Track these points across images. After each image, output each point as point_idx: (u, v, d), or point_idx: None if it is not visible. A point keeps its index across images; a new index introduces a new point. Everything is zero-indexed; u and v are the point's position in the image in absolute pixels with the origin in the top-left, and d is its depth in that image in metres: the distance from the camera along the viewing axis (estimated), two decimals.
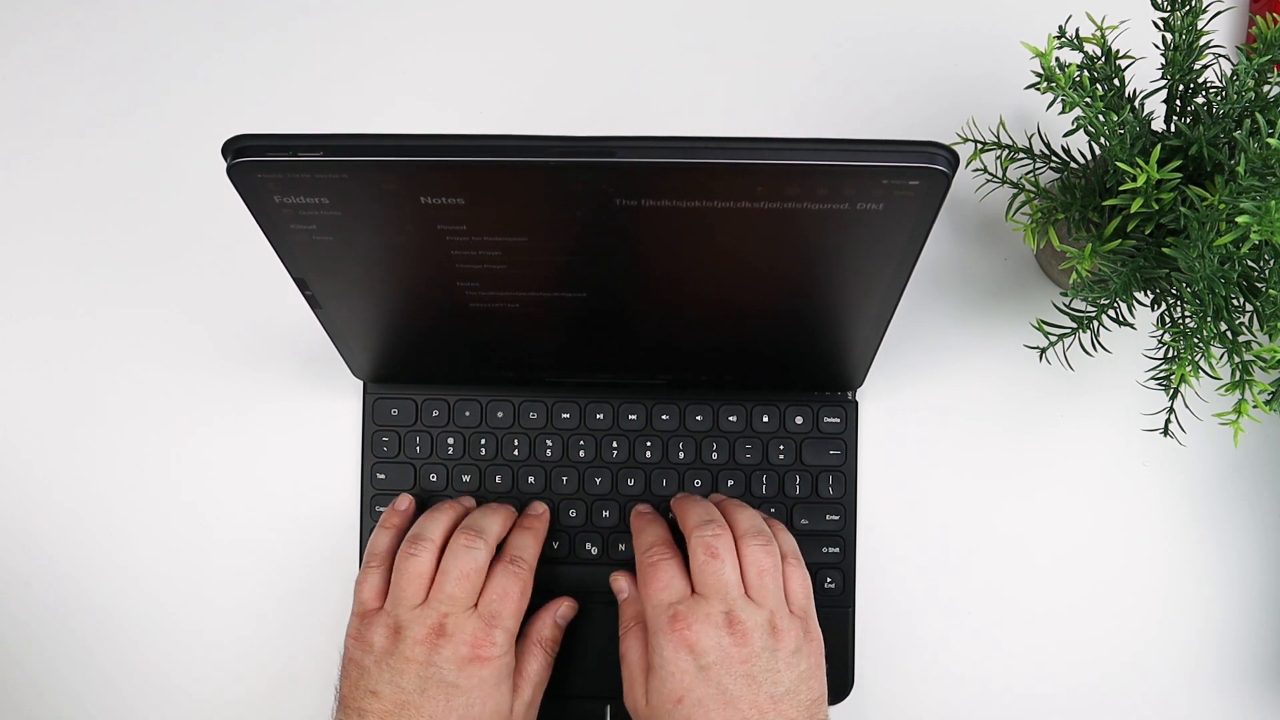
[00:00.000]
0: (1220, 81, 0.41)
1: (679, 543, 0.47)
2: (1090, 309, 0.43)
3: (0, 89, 0.56)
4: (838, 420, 0.53)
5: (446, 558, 0.46)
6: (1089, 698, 0.53)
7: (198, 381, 0.54)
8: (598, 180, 0.34)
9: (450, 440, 0.53)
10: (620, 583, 0.50)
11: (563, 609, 0.51)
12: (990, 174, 0.48)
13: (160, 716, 0.53)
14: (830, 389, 0.53)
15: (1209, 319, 0.40)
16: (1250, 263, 0.41)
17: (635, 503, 0.53)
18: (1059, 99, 0.40)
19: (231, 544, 0.54)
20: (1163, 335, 0.43)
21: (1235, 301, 0.41)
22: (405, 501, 0.51)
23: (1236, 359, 0.41)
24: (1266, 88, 0.41)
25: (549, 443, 0.53)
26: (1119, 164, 0.40)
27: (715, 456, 0.53)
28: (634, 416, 0.53)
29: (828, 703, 0.46)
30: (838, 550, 0.53)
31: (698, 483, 0.53)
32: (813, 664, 0.45)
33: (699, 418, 0.53)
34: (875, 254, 0.38)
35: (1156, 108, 0.44)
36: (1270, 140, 0.37)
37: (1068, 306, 0.47)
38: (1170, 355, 0.43)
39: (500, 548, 0.49)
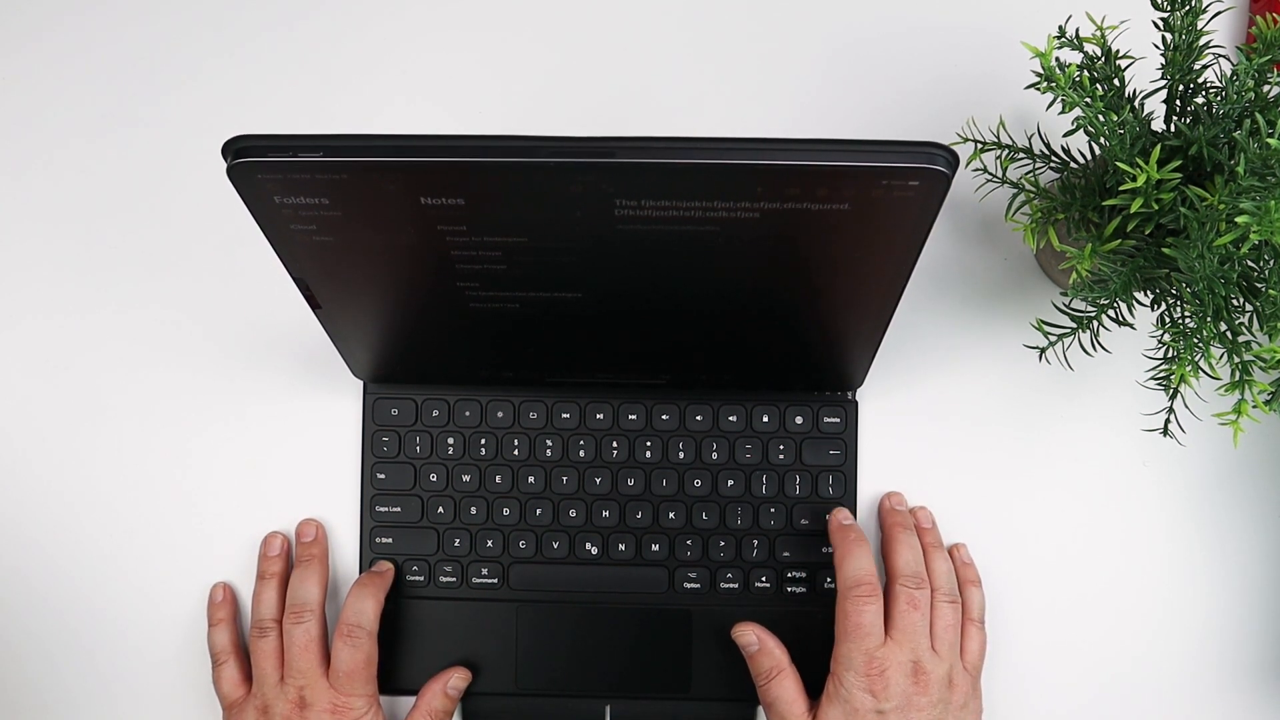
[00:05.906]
0: (1220, 81, 0.41)
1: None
2: (1090, 309, 0.43)
3: (1, 91, 0.56)
4: (838, 420, 0.53)
5: (285, 636, 0.49)
6: (1089, 697, 0.53)
7: (198, 382, 0.54)
8: (597, 181, 0.34)
9: (450, 440, 0.53)
10: (750, 635, 0.50)
11: (454, 679, 0.51)
12: (990, 174, 0.48)
13: (159, 716, 0.53)
14: (830, 389, 0.53)
15: (1209, 319, 0.40)
16: (1250, 263, 0.41)
17: (635, 503, 0.53)
18: (1059, 99, 0.40)
19: (231, 544, 0.54)
20: (1163, 335, 0.43)
21: (1235, 301, 0.41)
22: (220, 592, 0.52)
23: (1236, 359, 0.41)
24: (1266, 88, 0.41)
25: (549, 443, 0.53)
26: (1119, 164, 0.40)
27: (715, 456, 0.53)
28: (634, 416, 0.53)
29: None
30: None
31: (698, 483, 0.53)
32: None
33: (699, 418, 0.53)
34: (875, 254, 0.38)
35: (1156, 108, 0.44)
36: (1270, 140, 0.37)
37: (1068, 306, 0.47)
38: (1170, 355, 0.43)
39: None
